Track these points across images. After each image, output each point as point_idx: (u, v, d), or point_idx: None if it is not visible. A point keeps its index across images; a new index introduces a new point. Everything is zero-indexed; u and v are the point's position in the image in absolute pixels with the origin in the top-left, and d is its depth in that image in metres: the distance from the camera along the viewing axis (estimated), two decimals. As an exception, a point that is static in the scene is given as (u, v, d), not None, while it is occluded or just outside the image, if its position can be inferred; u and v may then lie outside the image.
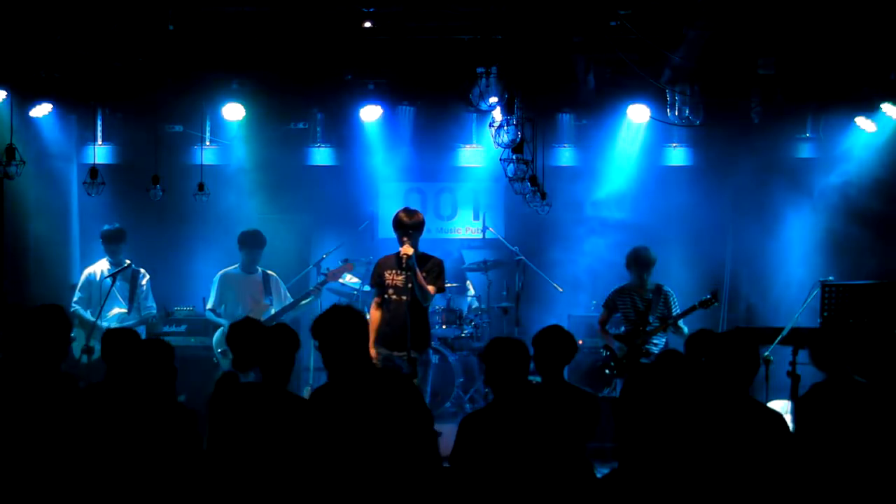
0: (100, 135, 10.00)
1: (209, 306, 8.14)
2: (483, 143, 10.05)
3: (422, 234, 7.03)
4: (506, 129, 6.10)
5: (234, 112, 9.33)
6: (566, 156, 10.14)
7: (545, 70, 8.04)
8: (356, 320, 4.28)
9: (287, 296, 8.20)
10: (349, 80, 9.22)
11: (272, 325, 4.81)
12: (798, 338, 6.33)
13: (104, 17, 7.29)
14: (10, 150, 7.13)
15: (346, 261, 8.43)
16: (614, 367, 7.65)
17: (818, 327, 7.04)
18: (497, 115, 6.29)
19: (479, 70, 6.07)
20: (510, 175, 6.38)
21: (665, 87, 8.04)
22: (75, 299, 8.03)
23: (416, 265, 6.79)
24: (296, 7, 7.50)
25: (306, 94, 9.62)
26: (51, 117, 9.26)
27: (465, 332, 9.13)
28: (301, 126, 10.19)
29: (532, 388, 4.66)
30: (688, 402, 3.72)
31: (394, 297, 6.91)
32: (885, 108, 8.49)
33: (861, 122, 8.90)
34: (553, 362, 4.81)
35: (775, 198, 9.70)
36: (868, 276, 8.43)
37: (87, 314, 7.91)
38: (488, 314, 9.52)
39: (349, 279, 9.26)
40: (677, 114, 8.27)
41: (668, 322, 7.35)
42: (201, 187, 8.67)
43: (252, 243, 8.11)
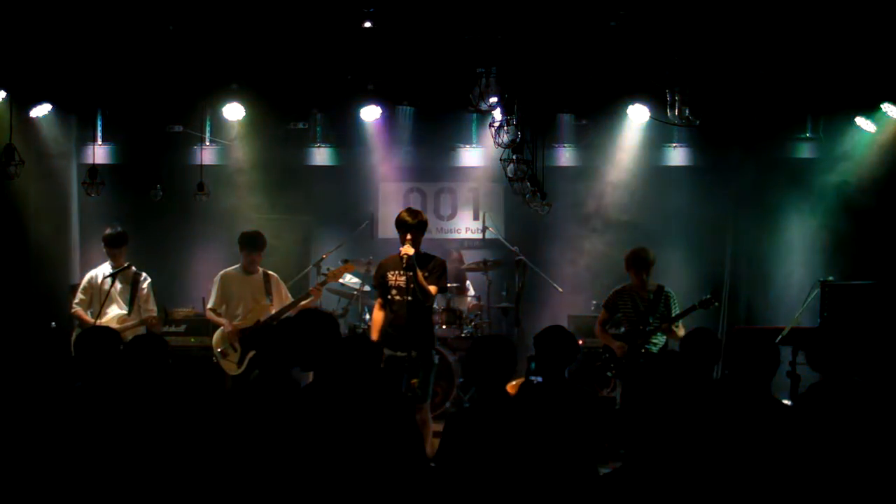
0: (100, 135, 10.01)
1: (209, 306, 8.14)
2: (483, 143, 10.06)
3: (424, 235, 7.03)
4: (506, 129, 6.09)
5: (234, 112, 9.33)
6: (566, 156, 10.15)
7: (545, 70, 8.05)
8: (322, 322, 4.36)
9: (288, 296, 8.19)
10: (349, 80, 9.22)
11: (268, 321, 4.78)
12: (798, 338, 6.34)
13: (104, 17, 7.29)
14: (10, 150, 7.13)
15: (346, 261, 8.43)
16: (613, 367, 7.64)
17: (816, 327, 7.06)
18: (497, 115, 6.28)
19: (479, 70, 6.06)
20: (510, 175, 6.38)
21: (665, 87, 8.03)
22: (76, 301, 8.02)
23: (416, 265, 6.79)
24: (296, 7, 7.51)
25: (306, 94, 9.62)
26: (51, 117, 9.26)
27: (465, 332, 9.13)
28: (301, 126, 10.19)
29: (534, 388, 4.67)
30: (690, 401, 3.72)
31: (397, 297, 6.90)
32: (885, 108, 8.50)
33: (861, 122, 8.90)
34: (555, 362, 4.80)
35: (775, 198, 9.71)
36: (868, 276, 8.44)
37: (88, 315, 7.89)
38: (488, 314, 9.52)
39: (349, 279, 9.26)
40: (677, 114, 8.26)
41: (668, 322, 7.35)
42: (201, 187, 8.67)
43: (252, 245, 8.09)
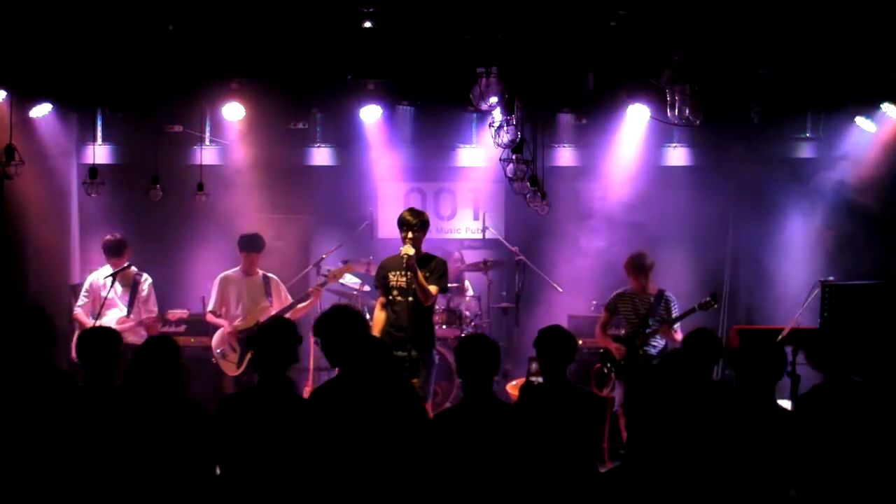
0: (100, 135, 10.02)
1: (210, 308, 8.14)
2: (483, 143, 10.06)
3: (425, 235, 7.03)
4: (506, 129, 6.09)
5: (233, 112, 9.33)
6: (566, 156, 10.16)
7: (545, 70, 8.05)
8: (354, 319, 4.31)
9: (287, 297, 8.20)
10: (349, 80, 9.21)
11: (268, 321, 4.82)
12: (798, 338, 6.34)
13: (104, 17, 7.28)
14: (10, 150, 7.13)
15: (346, 262, 8.42)
16: (612, 368, 7.64)
17: (817, 327, 7.05)
18: (497, 115, 6.28)
19: (479, 70, 6.07)
20: (510, 175, 6.38)
21: (665, 87, 8.03)
22: (79, 304, 8.01)
23: (416, 265, 6.79)
24: (296, 7, 7.50)
25: (306, 94, 9.61)
26: (51, 117, 9.25)
27: (464, 332, 9.12)
28: (301, 126, 10.19)
29: (535, 389, 4.68)
30: (689, 401, 3.72)
31: (398, 297, 6.90)
32: (885, 108, 8.49)
33: (861, 122, 8.90)
34: (555, 362, 4.82)
35: (775, 198, 9.71)
36: (868, 276, 8.44)
37: (88, 319, 7.89)
38: (488, 314, 9.51)
39: (349, 279, 9.25)
40: (677, 114, 8.26)
41: (667, 324, 7.35)
42: (201, 187, 8.67)
43: (250, 246, 8.10)
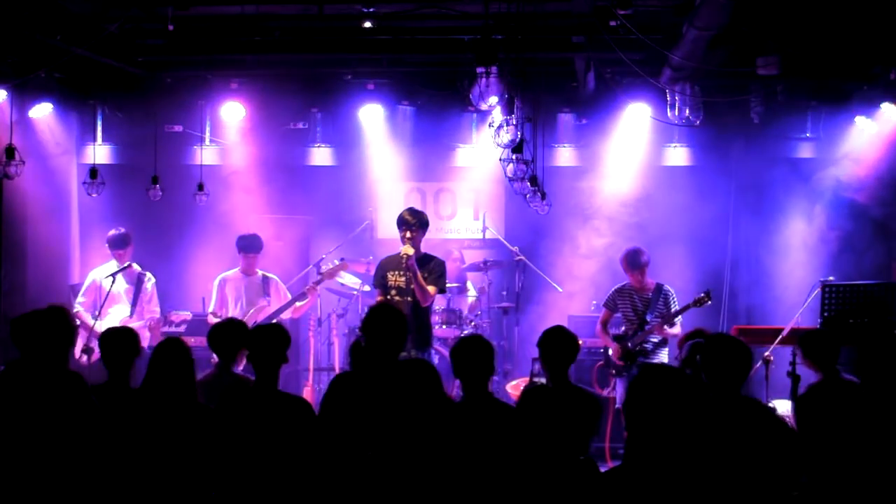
0: (100, 135, 10.01)
1: (210, 309, 8.14)
2: (483, 143, 10.05)
3: (425, 235, 7.03)
4: (506, 129, 6.09)
5: (233, 112, 9.33)
6: (566, 156, 10.14)
7: (545, 70, 8.05)
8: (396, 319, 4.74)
9: (287, 297, 8.20)
10: (349, 80, 9.22)
11: (260, 324, 4.89)
12: (798, 338, 6.33)
13: (104, 17, 7.29)
14: (10, 150, 7.13)
15: (342, 260, 8.42)
16: (612, 366, 7.65)
17: (816, 327, 7.06)
18: (497, 115, 6.28)
19: (479, 70, 6.06)
20: (510, 175, 6.37)
21: (665, 87, 8.04)
22: (79, 301, 8.01)
23: (416, 266, 6.78)
24: (295, 7, 7.51)
25: (306, 94, 9.62)
26: (51, 117, 9.26)
27: (464, 332, 9.11)
28: (301, 126, 10.19)
29: (538, 389, 4.69)
30: (690, 401, 3.72)
31: (397, 297, 6.90)
32: (885, 108, 8.49)
33: (861, 122, 8.90)
34: (557, 363, 4.85)
35: (775, 198, 9.71)
36: (868, 277, 8.45)
37: (89, 317, 7.89)
38: (488, 314, 9.51)
39: (349, 279, 9.25)
40: (677, 114, 8.26)
41: (663, 321, 7.35)
42: (201, 187, 8.67)
43: (248, 247, 8.09)
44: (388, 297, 6.97)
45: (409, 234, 6.88)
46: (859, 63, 7.78)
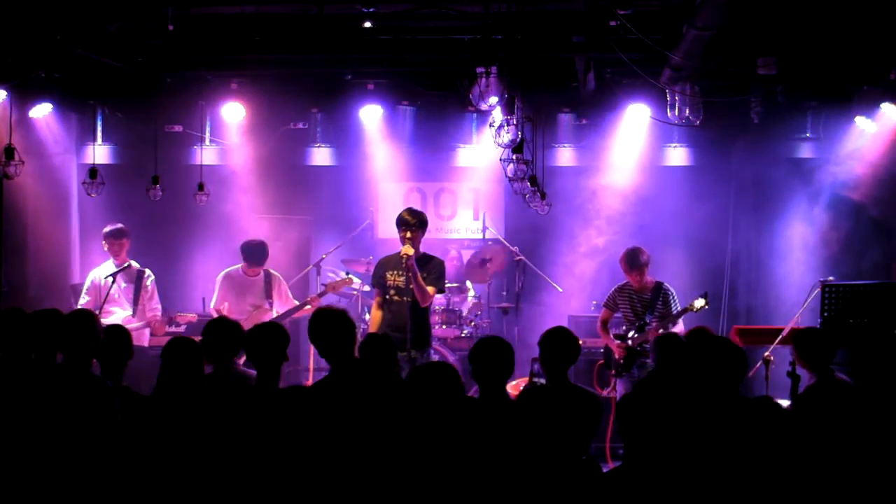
0: (100, 135, 10.02)
1: (212, 306, 8.13)
2: (483, 143, 10.05)
3: (424, 235, 7.03)
4: (506, 129, 6.08)
5: (233, 112, 9.33)
6: (566, 156, 10.15)
7: (545, 70, 8.05)
8: (340, 322, 4.65)
9: (288, 295, 8.17)
10: (349, 80, 9.22)
11: (260, 324, 4.87)
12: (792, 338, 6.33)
13: (104, 17, 7.29)
14: (10, 150, 7.13)
15: (347, 274, 8.40)
16: (613, 366, 7.64)
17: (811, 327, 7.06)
18: (497, 115, 6.28)
19: (479, 70, 6.06)
20: (510, 175, 6.37)
21: (665, 87, 8.03)
22: (81, 303, 8.00)
23: (416, 266, 6.79)
24: (296, 7, 7.51)
25: (306, 94, 9.62)
26: (51, 117, 9.26)
27: (464, 332, 9.13)
28: (301, 126, 10.19)
29: (538, 390, 4.70)
30: (688, 402, 3.73)
31: (395, 297, 6.90)
32: (885, 108, 8.49)
33: (861, 122, 8.90)
34: (558, 363, 4.85)
35: (775, 198, 9.71)
36: (868, 277, 8.45)
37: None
38: (488, 314, 9.52)
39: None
40: (677, 114, 8.26)
41: (662, 323, 7.33)
42: (201, 187, 8.67)
43: (251, 258, 8.04)
44: (387, 297, 6.97)
45: (408, 235, 6.88)
46: (859, 63, 7.78)
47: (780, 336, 6.77)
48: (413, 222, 6.90)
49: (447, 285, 7.69)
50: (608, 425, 7.66)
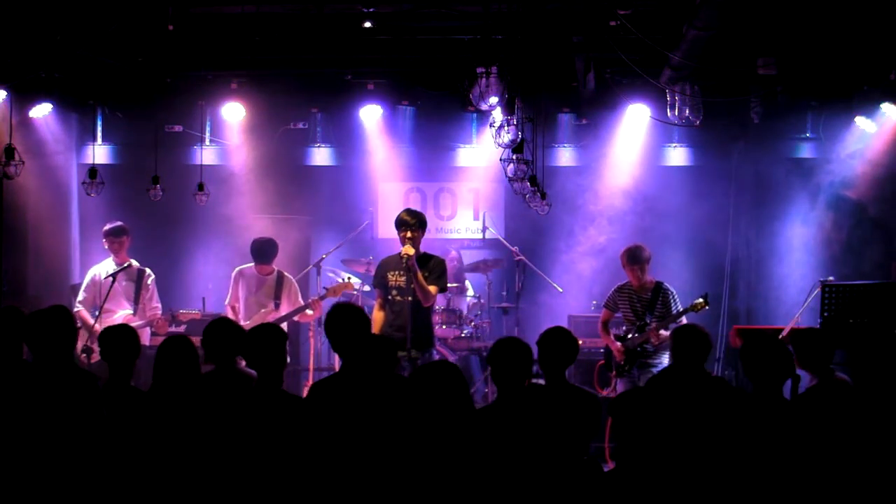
0: (100, 135, 10.02)
1: (226, 301, 8.11)
2: (483, 143, 10.05)
3: (424, 234, 7.03)
4: (506, 129, 6.09)
5: (233, 112, 9.33)
6: (566, 156, 10.16)
7: (545, 70, 8.05)
8: (357, 316, 4.60)
9: (298, 299, 8.12)
10: (349, 80, 9.22)
11: (257, 326, 4.85)
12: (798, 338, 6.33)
13: (104, 17, 7.29)
14: (10, 150, 7.13)
15: (349, 278, 8.39)
16: (613, 366, 7.64)
17: (811, 328, 7.06)
18: (497, 115, 6.28)
19: (479, 70, 6.06)
20: (510, 175, 6.37)
21: (665, 87, 8.04)
22: (80, 299, 8.00)
23: (416, 266, 6.78)
24: (295, 7, 7.51)
25: (306, 94, 9.62)
26: (51, 117, 9.25)
27: (465, 332, 9.12)
28: (301, 126, 10.19)
29: (536, 390, 4.69)
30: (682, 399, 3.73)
31: (397, 297, 6.90)
32: (885, 108, 8.49)
33: (861, 122, 8.90)
34: (556, 363, 4.84)
35: (775, 198, 9.71)
36: (868, 277, 8.45)
37: (90, 316, 7.88)
38: (488, 314, 9.51)
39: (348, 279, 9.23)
40: (677, 114, 8.26)
41: (661, 324, 7.32)
42: (201, 187, 8.67)
43: (259, 256, 8.01)
44: (389, 297, 6.97)
45: (408, 235, 6.87)
46: (859, 63, 7.78)
47: (780, 336, 6.77)
48: (413, 222, 6.90)
49: (448, 285, 7.68)
50: (607, 425, 7.67)
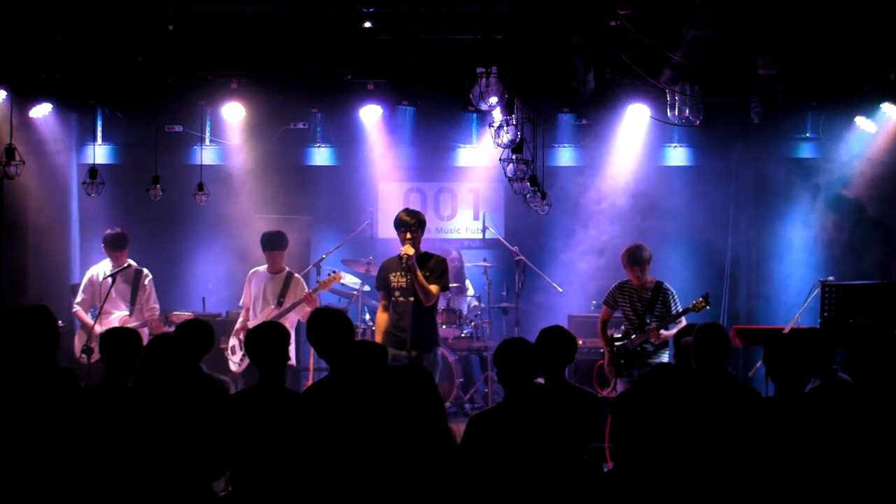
0: (100, 135, 10.02)
1: (241, 302, 8.12)
2: (483, 143, 10.05)
3: (423, 234, 7.03)
4: (506, 129, 6.09)
5: (233, 112, 9.33)
6: (566, 156, 10.16)
7: (545, 70, 8.05)
8: (338, 321, 4.61)
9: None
10: (349, 80, 9.22)
11: (258, 324, 4.83)
12: (798, 338, 6.33)
13: (104, 17, 7.29)
14: (10, 150, 7.14)
15: (334, 272, 8.38)
16: (612, 366, 7.64)
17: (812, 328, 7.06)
18: (497, 115, 6.28)
19: (479, 70, 6.06)
20: (510, 175, 6.37)
21: (665, 87, 8.04)
22: (78, 300, 8.00)
23: (416, 266, 6.79)
24: (295, 7, 7.51)
25: (306, 94, 9.62)
26: (51, 117, 9.26)
27: (464, 332, 9.13)
28: (301, 126, 10.20)
29: (536, 389, 4.68)
30: (684, 404, 3.73)
31: (400, 298, 6.89)
32: (885, 108, 8.49)
33: (861, 122, 8.90)
34: (555, 363, 4.83)
35: (775, 198, 9.72)
36: (868, 276, 8.45)
37: (88, 316, 7.89)
38: (488, 314, 9.52)
39: (349, 279, 9.24)
40: (677, 114, 8.26)
41: (661, 324, 7.32)
42: (201, 187, 8.67)
43: (271, 245, 8.00)
44: (392, 299, 6.97)
45: (408, 235, 6.88)
46: (859, 63, 7.78)
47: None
48: (412, 223, 6.90)
49: (449, 284, 7.67)
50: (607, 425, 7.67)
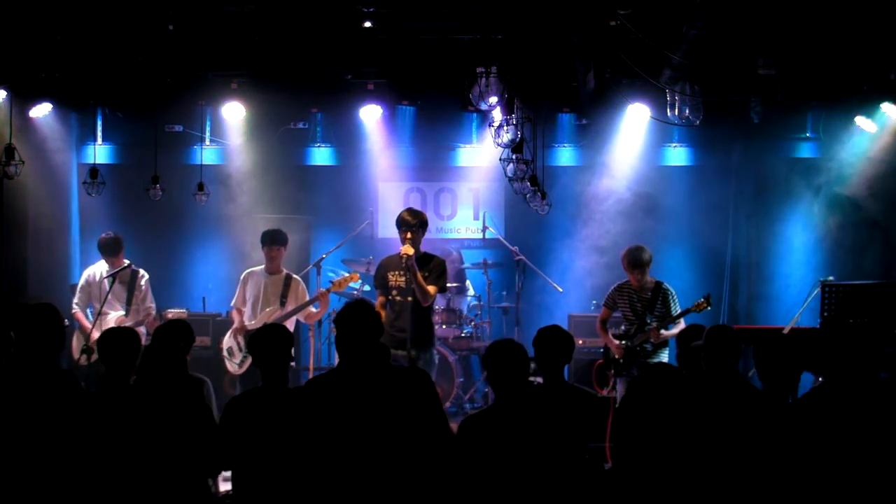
0: (100, 135, 10.03)
1: (232, 303, 8.07)
2: (483, 143, 10.06)
3: (424, 234, 7.03)
4: (506, 129, 6.10)
5: (233, 112, 9.33)
6: (566, 156, 10.17)
7: (545, 70, 8.05)
8: (370, 314, 4.44)
9: (306, 298, 8.09)
10: (349, 80, 9.22)
11: (262, 326, 4.83)
12: (798, 338, 6.33)
13: (104, 17, 7.29)
14: (10, 150, 7.14)
15: (353, 272, 8.38)
16: (612, 366, 7.63)
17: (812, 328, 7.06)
18: (497, 114, 6.29)
19: (479, 70, 6.07)
20: (510, 175, 6.38)
21: (665, 87, 8.04)
22: (76, 301, 8.00)
23: (416, 266, 6.79)
24: (296, 7, 7.51)
25: (306, 94, 9.62)
26: (51, 117, 9.26)
27: (464, 332, 9.13)
28: (301, 126, 10.20)
29: (533, 389, 4.67)
30: (683, 405, 3.73)
31: (398, 298, 6.89)
32: (885, 108, 8.49)
33: (861, 121, 8.90)
34: (553, 362, 4.82)
35: (775, 197, 9.72)
36: (868, 276, 8.45)
37: (86, 316, 7.88)
38: (488, 314, 9.52)
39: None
40: (677, 113, 8.26)
41: (658, 327, 7.32)
42: (201, 187, 8.67)
43: (271, 241, 7.95)
44: (390, 298, 6.97)
45: (409, 235, 6.87)
46: (859, 63, 7.78)
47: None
48: (413, 223, 6.90)
49: (448, 285, 7.68)
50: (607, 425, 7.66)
